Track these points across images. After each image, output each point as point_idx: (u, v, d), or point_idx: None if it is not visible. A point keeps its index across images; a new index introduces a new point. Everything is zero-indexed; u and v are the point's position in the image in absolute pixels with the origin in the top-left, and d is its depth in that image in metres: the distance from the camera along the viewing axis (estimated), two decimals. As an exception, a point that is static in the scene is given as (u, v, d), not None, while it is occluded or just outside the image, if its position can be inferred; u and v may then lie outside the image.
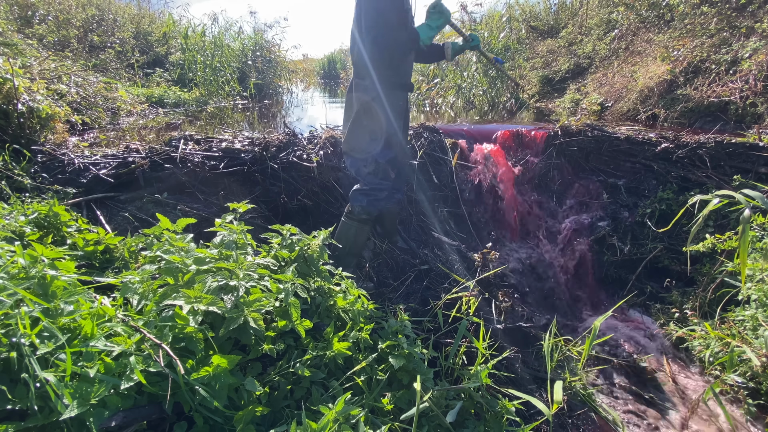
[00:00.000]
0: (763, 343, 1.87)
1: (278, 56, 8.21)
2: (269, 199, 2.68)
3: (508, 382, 1.80)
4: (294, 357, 1.28)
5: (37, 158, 2.42)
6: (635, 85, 4.77)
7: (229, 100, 6.46)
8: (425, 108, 6.82)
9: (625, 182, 3.40)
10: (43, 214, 1.57)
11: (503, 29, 6.88)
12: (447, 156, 3.31)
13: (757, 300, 2.05)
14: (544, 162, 3.53)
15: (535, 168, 3.52)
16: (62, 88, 3.63)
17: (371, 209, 2.14)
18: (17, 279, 0.99)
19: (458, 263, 2.52)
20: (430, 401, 1.31)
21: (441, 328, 1.91)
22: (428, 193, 3.10)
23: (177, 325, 1.06)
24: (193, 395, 1.00)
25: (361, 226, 2.19)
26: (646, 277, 3.10)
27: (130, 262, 1.56)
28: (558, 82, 6.49)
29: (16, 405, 0.84)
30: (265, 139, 2.87)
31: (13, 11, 5.45)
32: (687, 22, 4.83)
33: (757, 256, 2.15)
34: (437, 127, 3.55)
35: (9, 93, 2.47)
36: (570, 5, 7.64)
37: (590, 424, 1.84)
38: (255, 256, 1.45)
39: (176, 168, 2.53)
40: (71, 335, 0.97)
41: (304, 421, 1.01)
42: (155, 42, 7.17)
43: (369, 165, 2.10)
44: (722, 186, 2.91)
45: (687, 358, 2.45)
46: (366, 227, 2.22)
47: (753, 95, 3.65)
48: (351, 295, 1.57)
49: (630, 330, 2.74)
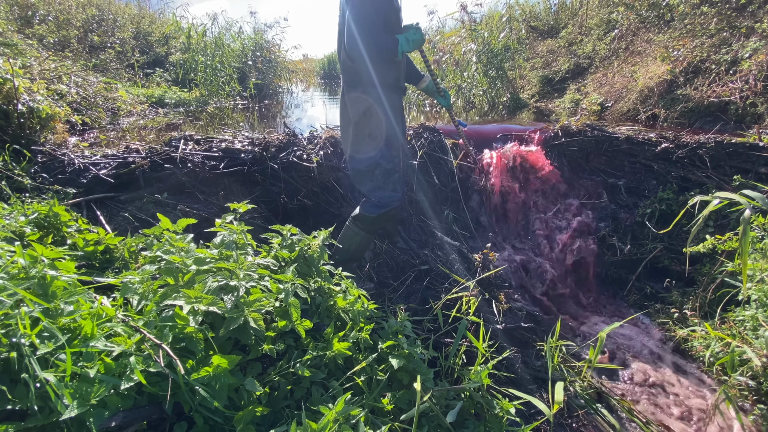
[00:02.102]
0: (764, 343, 1.87)
1: (278, 56, 8.22)
2: (269, 199, 2.68)
3: (508, 382, 1.80)
4: (294, 357, 1.28)
5: (37, 158, 2.42)
6: (635, 85, 4.77)
7: (229, 100, 6.46)
8: (425, 108, 6.82)
9: (625, 182, 3.40)
10: (43, 214, 1.57)
11: (503, 29, 6.88)
12: (447, 156, 3.31)
13: (758, 300, 2.05)
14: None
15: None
16: (62, 89, 3.63)
17: (381, 223, 2.13)
18: (17, 279, 0.99)
19: (459, 263, 2.52)
20: (430, 401, 1.31)
21: (441, 328, 1.91)
22: (428, 194, 3.10)
23: (177, 325, 1.06)
24: (193, 395, 1.00)
25: (367, 236, 2.18)
26: (646, 277, 3.10)
27: (130, 263, 1.56)
28: (558, 82, 6.49)
29: (16, 405, 0.84)
30: (265, 139, 2.87)
31: (13, 11, 5.45)
32: (687, 22, 4.83)
33: (757, 256, 2.15)
34: (437, 127, 3.55)
35: (9, 93, 2.47)
36: (570, 5, 7.64)
37: (590, 425, 1.84)
38: (255, 257, 1.45)
39: (176, 168, 2.53)
40: (71, 335, 0.97)
41: (304, 421, 1.01)
42: (155, 42, 7.18)
43: (377, 178, 2.06)
44: (722, 186, 2.91)
45: (688, 358, 2.45)
46: (372, 237, 2.23)
47: (753, 95, 3.65)
48: (351, 295, 1.57)
49: (630, 331, 2.74)
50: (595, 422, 1.85)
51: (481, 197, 3.35)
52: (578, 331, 2.79)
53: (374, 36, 1.80)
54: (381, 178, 2.06)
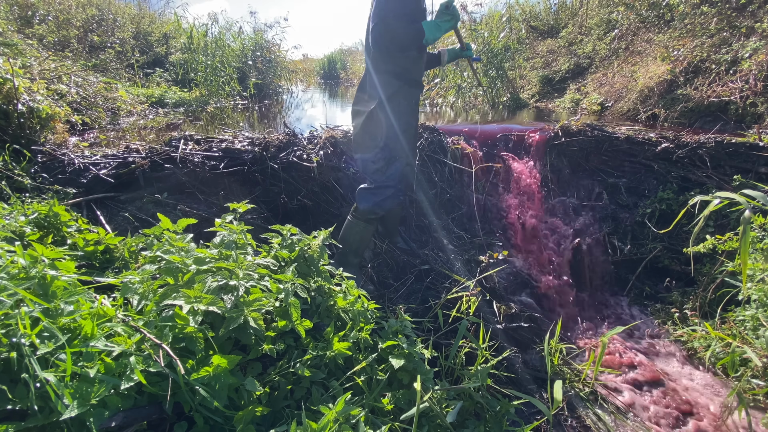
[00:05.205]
0: (764, 343, 1.87)
1: (278, 56, 8.21)
2: (269, 199, 2.67)
3: (508, 382, 1.80)
4: (294, 357, 1.28)
5: (37, 158, 2.42)
6: (635, 85, 4.77)
7: (229, 100, 6.46)
8: (425, 108, 6.82)
9: (626, 182, 3.40)
10: (43, 214, 1.57)
11: (503, 29, 6.88)
12: (447, 157, 3.30)
13: (758, 300, 2.05)
14: (544, 162, 3.53)
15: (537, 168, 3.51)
16: (62, 88, 3.63)
17: (377, 209, 2.14)
18: (17, 279, 0.99)
19: (459, 264, 2.52)
20: (430, 401, 1.31)
21: (441, 328, 1.91)
22: (429, 194, 3.10)
23: (177, 325, 1.06)
24: (193, 395, 1.00)
25: (366, 226, 2.19)
26: (646, 276, 3.10)
27: (130, 262, 1.56)
28: (558, 82, 6.49)
29: (16, 405, 0.84)
30: (265, 139, 2.87)
31: (13, 11, 5.45)
32: (687, 22, 4.83)
33: (757, 256, 2.15)
34: (438, 127, 3.55)
35: (9, 93, 2.47)
36: (570, 5, 7.64)
37: (590, 425, 1.84)
38: (255, 256, 1.45)
39: (176, 168, 2.53)
40: (71, 335, 0.96)
41: (304, 421, 1.01)
42: (155, 42, 7.17)
43: (378, 161, 2.10)
44: (722, 186, 2.91)
45: (688, 358, 2.45)
46: (371, 227, 2.22)
47: (753, 95, 3.65)
48: (351, 295, 1.57)
49: (631, 331, 2.74)
50: (595, 422, 1.85)
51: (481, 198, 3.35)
52: (578, 332, 2.79)
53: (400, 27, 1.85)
54: (382, 162, 2.10)
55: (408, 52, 1.99)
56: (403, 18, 1.86)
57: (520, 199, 3.38)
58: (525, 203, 3.39)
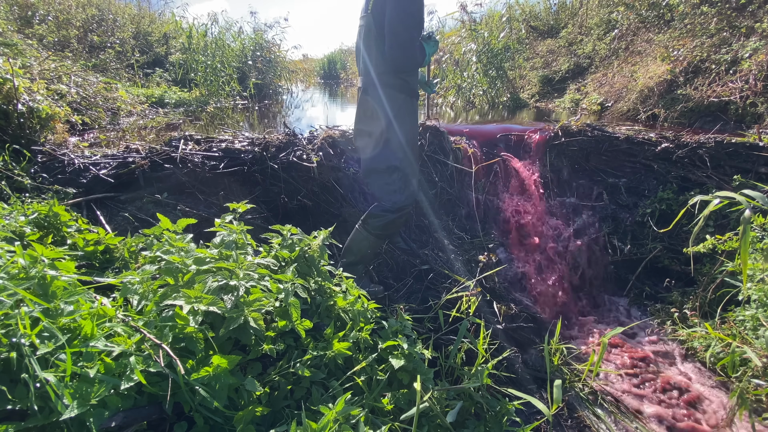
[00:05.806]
0: (764, 343, 1.87)
1: (278, 56, 8.21)
2: (269, 199, 2.67)
3: (508, 382, 1.80)
4: (294, 357, 1.28)
5: (37, 158, 2.42)
6: (635, 85, 4.77)
7: (229, 100, 6.46)
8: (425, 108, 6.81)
9: (625, 182, 3.40)
10: (43, 214, 1.57)
11: (503, 29, 6.88)
12: (448, 157, 3.30)
13: (758, 300, 2.05)
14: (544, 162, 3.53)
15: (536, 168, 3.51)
16: (62, 89, 3.63)
17: (393, 227, 2.13)
18: (17, 279, 0.99)
19: (459, 264, 2.52)
20: (430, 401, 1.31)
21: (441, 328, 1.91)
22: (429, 194, 3.10)
23: (177, 325, 1.06)
24: (193, 395, 1.00)
25: (377, 241, 2.17)
26: (646, 277, 3.10)
27: (130, 263, 1.56)
28: (558, 82, 6.49)
29: (16, 405, 0.84)
30: (265, 139, 2.86)
31: (13, 11, 5.45)
32: (687, 22, 4.83)
33: (757, 256, 2.15)
34: (438, 126, 3.55)
35: (9, 93, 2.47)
36: (570, 5, 7.65)
37: (590, 425, 1.84)
38: (255, 256, 1.45)
39: (176, 168, 2.53)
40: (71, 335, 0.96)
41: (304, 421, 1.01)
42: (155, 42, 7.17)
43: (393, 183, 2.07)
44: (722, 186, 2.91)
45: (689, 358, 2.45)
46: (381, 242, 2.23)
47: (753, 95, 3.65)
48: (351, 295, 1.57)
49: (631, 331, 2.74)
50: (595, 422, 1.85)
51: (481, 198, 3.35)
52: (578, 331, 2.79)
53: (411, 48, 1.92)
54: (399, 182, 2.07)
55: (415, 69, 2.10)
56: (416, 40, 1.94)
57: (520, 199, 3.38)
58: (525, 203, 3.39)
